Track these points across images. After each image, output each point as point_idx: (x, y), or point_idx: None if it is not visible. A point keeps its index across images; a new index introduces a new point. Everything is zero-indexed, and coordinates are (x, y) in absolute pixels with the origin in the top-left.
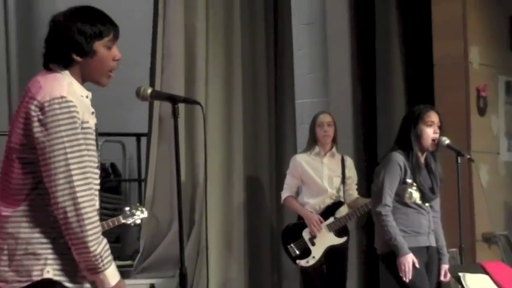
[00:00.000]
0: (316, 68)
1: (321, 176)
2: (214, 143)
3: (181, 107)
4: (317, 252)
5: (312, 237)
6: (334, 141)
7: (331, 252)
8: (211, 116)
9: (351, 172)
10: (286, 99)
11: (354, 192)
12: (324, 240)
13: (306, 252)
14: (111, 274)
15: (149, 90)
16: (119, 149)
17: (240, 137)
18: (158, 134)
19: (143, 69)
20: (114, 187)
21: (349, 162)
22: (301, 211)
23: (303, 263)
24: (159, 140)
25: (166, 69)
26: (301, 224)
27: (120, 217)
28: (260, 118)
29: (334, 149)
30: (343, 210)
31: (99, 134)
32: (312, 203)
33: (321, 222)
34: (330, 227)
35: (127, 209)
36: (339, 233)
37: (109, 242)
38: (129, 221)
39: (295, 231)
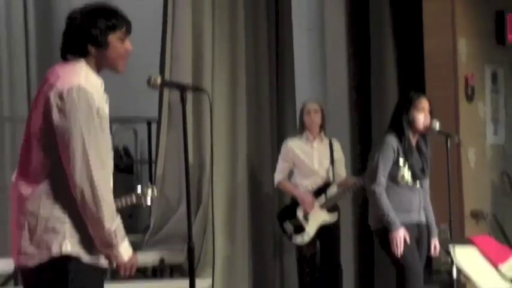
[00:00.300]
0: (315, 61)
1: (312, 159)
2: (220, 127)
3: (189, 94)
4: (311, 229)
5: (306, 216)
6: (322, 126)
7: (324, 229)
8: (217, 105)
9: (339, 154)
10: (287, 87)
11: (342, 173)
12: (317, 217)
13: (300, 230)
14: (125, 249)
15: (159, 79)
16: (131, 134)
17: (244, 121)
18: (167, 120)
19: (154, 59)
20: (127, 168)
21: (337, 145)
22: (295, 191)
23: (298, 239)
24: (169, 125)
25: (175, 59)
26: (295, 203)
27: (133, 198)
28: (262, 103)
29: (322, 134)
30: (333, 190)
31: (113, 120)
32: (305, 184)
33: (313, 201)
34: (322, 206)
35: (139, 189)
36: (331, 210)
37: (122, 218)
38: (141, 201)
39: (289, 210)
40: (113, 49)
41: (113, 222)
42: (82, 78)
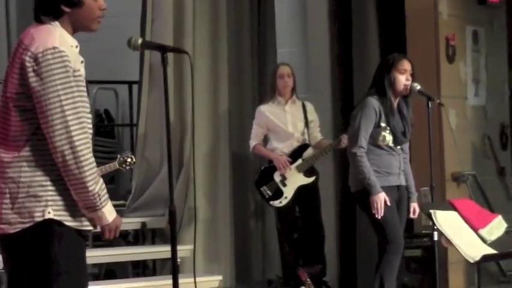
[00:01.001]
0: (296, 17)
1: (285, 122)
2: (201, 89)
3: (171, 56)
4: (289, 192)
5: (283, 179)
6: (294, 90)
7: (302, 192)
8: (199, 65)
9: (313, 116)
10: (268, 48)
11: (317, 135)
12: (294, 180)
13: (278, 193)
14: (108, 211)
15: (140, 40)
16: (112, 96)
17: (226, 83)
18: (149, 82)
19: (135, 20)
20: (108, 132)
21: (310, 107)
22: (270, 155)
23: (276, 203)
24: (150, 87)
25: (156, 20)
26: (271, 167)
27: (116, 163)
28: (244, 64)
29: (294, 97)
30: (309, 152)
31: (94, 82)
32: (281, 147)
33: (290, 164)
34: (298, 168)
35: (119, 156)
36: (308, 173)
37: (104, 182)
38: (122, 167)
39: (266, 174)
40: (86, 8)
41: (96, 184)
42: (57, 40)
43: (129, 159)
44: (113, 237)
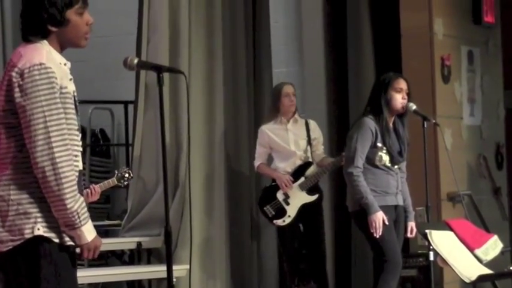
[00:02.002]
0: (291, 37)
1: (287, 141)
2: (197, 109)
3: (166, 75)
4: (292, 211)
5: (286, 198)
6: (296, 108)
7: (306, 210)
8: (194, 84)
9: (316, 133)
10: (264, 68)
11: (320, 152)
12: (297, 199)
13: (281, 212)
14: (88, 230)
15: (136, 60)
16: (108, 116)
17: (221, 103)
18: (144, 101)
19: (130, 40)
20: (104, 151)
21: (313, 124)
22: (273, 174)
23: (279, 222)
24: (145, 107)
25: (152, 40)
26: (274, 186)
27: (115, 179)
28: (239, 84)
29: (296, 115)
30: (312, 170)
31: (89, 102)
32: (283, 166)
33: (292, 182)
34: (301, 187)
35: (117, 172)
36: (311, 191)
37: (99, 202)
38: (121, 182)
39: (269, 193)
40: (73, 25)
41: (76, 202)
42: (44, 57)
43: (126, 174)
44: (91, 257)
